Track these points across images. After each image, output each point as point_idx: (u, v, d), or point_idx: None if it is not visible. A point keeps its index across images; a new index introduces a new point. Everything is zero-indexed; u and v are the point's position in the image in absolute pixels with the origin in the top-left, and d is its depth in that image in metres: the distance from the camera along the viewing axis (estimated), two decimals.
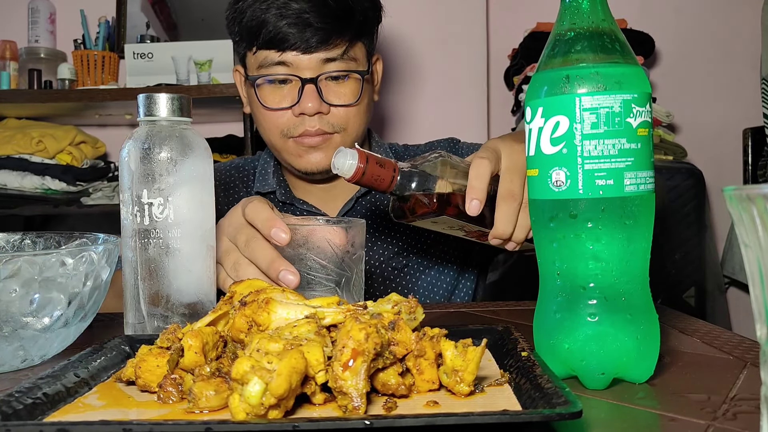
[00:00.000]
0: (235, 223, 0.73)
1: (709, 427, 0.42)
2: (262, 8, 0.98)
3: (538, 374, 0.45)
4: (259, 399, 0.39)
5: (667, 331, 0.68)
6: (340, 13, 0.98)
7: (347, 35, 1.00)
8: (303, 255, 0.68)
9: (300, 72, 0.98)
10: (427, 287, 1.12)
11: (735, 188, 0.34)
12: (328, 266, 0.68)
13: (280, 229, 0.67)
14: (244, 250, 0.71)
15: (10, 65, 2.02)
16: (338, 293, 0.68)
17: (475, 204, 0.69)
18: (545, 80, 0.52)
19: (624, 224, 0.50)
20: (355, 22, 1.01)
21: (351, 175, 0.69)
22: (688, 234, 1.79)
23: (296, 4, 0.97)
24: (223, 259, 0.73)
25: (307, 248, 0.68)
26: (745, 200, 0.33)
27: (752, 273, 0.35)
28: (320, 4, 0.97)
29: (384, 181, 0.70)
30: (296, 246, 0.68)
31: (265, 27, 0.97)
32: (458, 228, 0.76)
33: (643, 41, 2.03)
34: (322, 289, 0.68)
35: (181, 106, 0.66)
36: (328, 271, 0.68)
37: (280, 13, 0.97)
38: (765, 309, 0.34)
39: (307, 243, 0.68)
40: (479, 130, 2.09)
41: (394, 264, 1.11)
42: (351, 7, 1.00)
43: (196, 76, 1.98)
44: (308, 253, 0.68)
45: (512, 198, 0.72)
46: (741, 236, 0.35)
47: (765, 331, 0.34)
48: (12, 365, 0.59)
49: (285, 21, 0.96)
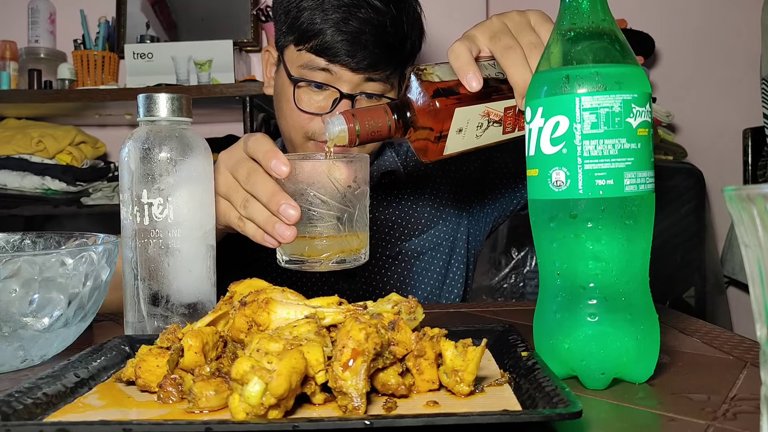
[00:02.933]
0: (237, 156, 0.72)
1: (709, 427, 0.42)
2: (320, 17, 0.97)
3: (538, 374, 0.45)
4: (259, 399, 0.39)
5: (667, 331, 0.68)
6: (394, 41, 0.99)
7: (394, 64, 1.01)
8: (304, 190, 0.67)
9: (340, 84, 0.99)
10: (420, 272, 1.13)
11: (735, 188, 0.34)
12: (330, 201, 0.67)
13: (280, 162, 0.67)
14: (245, 183, 0.70)
15: (10, 65, 2.02)
16: (340, 228, 0.67)
17: (470, 76, 0.65)
18: (545, 80, 0.52)
19: (624, 224, 0.50)
20: (406, 51, 1.02)
21: (348, 139, 0.67)
22: (688, 234, 1.79)
23: (355, 23, 0.96)
24: (229, 194, 0.72)
25: (308, 183, 0.67)
26: (745, 200, 0.33)
27: (752, 273, 0.35)
28: (379, 27, 0.97)
29: (383, 128, 0.67)
30: (297, 181, 0.67)
31: (319, 36, 0.97)
32: (488, 121, 0.69)
33: (643, 41, 2.03)
34: (324, 224, 0.67)
35: (181, 106, 0.66)
36: (329, 206, 0.67)
37: (338, 28, 0.97)
38: (765, 309, 0.34)
39: (308, 178, 0.67)
40: None
41: (388, 252, 1.12)
42: (405, 35, 1.01)
43: (196, 76, 1.98)
44: (309, 189, 0.67)
45: (509, 49, 0.68)
46: (741, 236, 0.35)
47: (765, 331, 0.34)
48: (12, 365, 0.59)
49: (341, 37, 0.96)
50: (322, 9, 0.97)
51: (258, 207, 0.69)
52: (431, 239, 1.15)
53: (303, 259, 0.68)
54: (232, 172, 0.72)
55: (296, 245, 0.68)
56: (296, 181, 0.67)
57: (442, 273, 1.15)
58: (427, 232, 1.14)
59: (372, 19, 0.97)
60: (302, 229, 0.67)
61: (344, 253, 0.68)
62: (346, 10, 0.96)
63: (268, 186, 0.68)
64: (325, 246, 0.67)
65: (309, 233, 0.67)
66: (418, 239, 1.14)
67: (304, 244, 0.67)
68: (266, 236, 0.68)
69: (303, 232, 0.67)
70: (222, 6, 2.16)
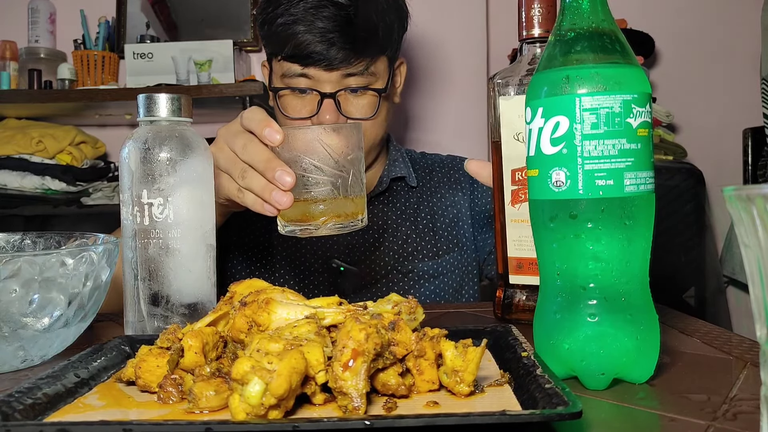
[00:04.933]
0: (234, 129, 0.75)
1: (709, 427, 0.42)
2: (288, 22, 0.99)
3: (538, 374, 0.45)
4: (260, 399, 0.39)
5: (667, 332, 0.68)
6: (363, 33, 1.00)
7: (370, 53, 1.02)
8: (298, 158, 0.70)
9: (320, 86, 1.01)
10: (429, 295, 1.13)
11: (735, 188, 0.34)
12: (324, 167, 0.70)
13: (273, 129, 0.70)
14: (242, 154, 0.72)
15: (10, 65, 2.02)
16: (335, 193, 0.71)
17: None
18: (545, 80, 0.52)
19: (624, 224, 0.50)
20: (379, 39, 1.02)
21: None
22: (688, 234, 1.79)
23: (321, 23, 0.98)
24: (228, 166, 0.74)
25: (303, 151, 0.70)
26: (745, 200, 0.33)
27: (752, 273, 0.34)
28: (344, 23, 0.98)
29: None
30: (291, 149, 0.70)
31: (290, 41, 0.99)
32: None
33: (643, 41, 2.03)
34: (318, 189, 0.70)
35: (181, 106, 0.66)
36: (323, 172, 0.70)
37: (306, 30, 0.98)
38: (765, 309, 0.34)
39: (302, 146, 0.70)
40: (479, 130, 2.09)
41: (399, 267, 1.11)
42: (375, 25, 1.01)
43: (195, 76, 1.98)
44: (303, 156, 0.70)
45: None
46: (741, 236, 0.35)
47: (765, 331, 0.34)
48: (12, 365, 0.59)
49: (310, 38, 0.98)
50: (290, 15, 0.99)
51: (255, 176, 0.71)
52: (446, 264, 1.13)
53: (301, 225, 0.71)
54: (230, 146, 0.74)
55: (294, 211, 0.71)
56: (291, 149, 0.70)
57: (452, 298, 1.14)
58: (442, 257, 1.13)
59: (336, 16, 0.98)
60: (299, 195, 0.70)
61: (341, 218, 0.71)
62: (312, 13, 0.98)
63: (263, 154, 0.70)
64: (322, 210, 0.70)
65: (306, 198, 0.70)
66: (432, 262, 1.13)
67: (302, 209, 0.71)
68: (265, 204, 0.71)
69: (300, 197, 0.70)
70: (222, 6, 2.16)
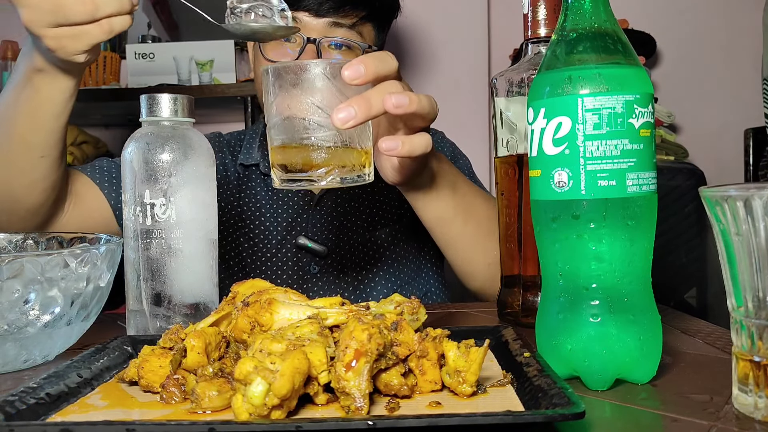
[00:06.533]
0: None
1: (712, 427, 0.42)
2: None
3: (540, 375, 0.45)
4: (262, 399, 0.39)
5: (669, 332, 0.68)
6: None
7: (360, 10, 1.03)
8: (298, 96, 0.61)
9: (307, 32, 1.01)
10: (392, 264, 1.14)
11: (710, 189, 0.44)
12: (327, 109, 0.61)
13: None
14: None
15: (11, 65, 2.02)
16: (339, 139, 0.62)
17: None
18: (547, 81, 0.52)
19: (626, 225, 0.50)
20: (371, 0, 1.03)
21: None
22: (689, 234, 1.79)
23: None
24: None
25: (302, 89, 0.61)
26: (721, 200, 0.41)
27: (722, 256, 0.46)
28: None
29: None
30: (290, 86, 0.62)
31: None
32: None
33: (645, 41, 2.03)
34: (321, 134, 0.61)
35: (183, 106, 0.66)
36: (326, 114, 0.61)
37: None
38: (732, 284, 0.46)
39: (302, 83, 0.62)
40: (480, 130, 2.09)
41: (357, 238, 1.13)
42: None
43: (197, 76, 1.98)
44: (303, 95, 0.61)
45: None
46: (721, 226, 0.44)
47: (732, 300, 0.46)
48: (15, 365, 0.59)
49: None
50: None
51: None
52: (403, 230, 1.15)
53: (300, 176, 0.62)
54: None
55: (293, 156, 0.62)
56: (289, 86, 0.61)
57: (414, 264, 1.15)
58: (398, 223, 1.15)
59: None
60: (299, 139, 0.62)
61: (346, 169, 0.62)
62: None
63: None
64: (324, 159, 0.61)
65: (306, 144, 0.62)
66: (390, 229, 1.14)
67: (302, 156, 0.62)
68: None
69: (300, 143, 0.62)
70: (223, 6, 2.16)
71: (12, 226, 0.88)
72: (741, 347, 0.45)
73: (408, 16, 1.99)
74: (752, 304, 0.44)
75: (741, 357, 0.45)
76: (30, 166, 0.83)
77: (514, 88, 0.72)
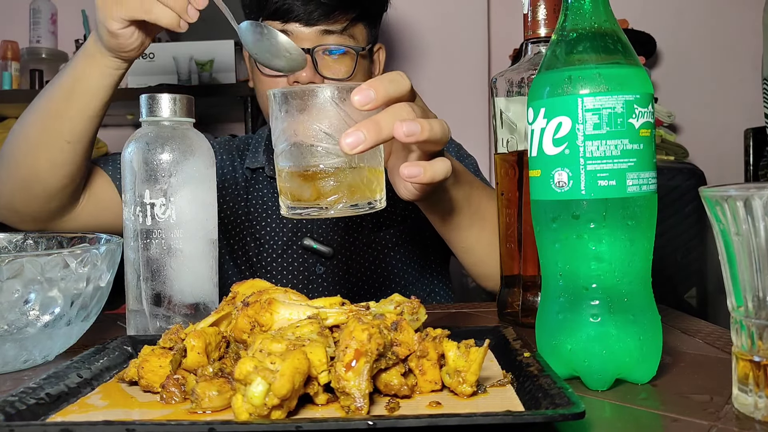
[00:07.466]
0: None
1: (712, 427, 0.42)
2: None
3: (540, 375, 0.45)
4: (262, 399, 0.39)
5: (669, 332, 0.68)
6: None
7: (350, 13, 1.03)
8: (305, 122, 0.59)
9: (300, 42, 1.01)
10: (396, 264, 1.14)
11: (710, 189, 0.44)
12: (335, 135, 0.58)
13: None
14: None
15: (11, 65, 2.02)
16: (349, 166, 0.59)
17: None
18: (547, 81, 0.52)
19: (626, 225, 0.50)
20: (359, 1, 1.04)
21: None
22: (689, 234, 1.79)
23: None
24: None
25: (310, 115, 0.59)
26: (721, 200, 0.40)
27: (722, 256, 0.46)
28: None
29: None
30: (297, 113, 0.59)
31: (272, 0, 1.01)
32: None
33: (645, 41, 2.03)
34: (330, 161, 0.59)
35: (183, 106, 0.66)
36: (335, 140, 0.58)
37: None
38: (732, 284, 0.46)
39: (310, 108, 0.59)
40: (480, 130, 2.09)
41: (362, 239, 1.13)
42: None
43: (197, 76, 1.98)
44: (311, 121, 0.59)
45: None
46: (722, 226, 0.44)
47: (732, 299, 0.46)
48: (14, 366, 0.59)
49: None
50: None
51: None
52: (408, 231, 1.15)
53: (309, 205, 0.60)
54: None
55: (300, 184, 0.59)
56: (296, 111, 0.59)
57: (418, 265, 1.16)
58: (403, 224, 1.15)
59: None
60: (307, 167, 0.59)
61: (356, 196, 0.60)
62: None
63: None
64: (333, 187, 0.59)
65: (314, 172, 0.59)
66: (395, 230, 1.14)
67: (310, 185, 0.59)
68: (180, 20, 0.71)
69: (308, 170, 0.59)
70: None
71: (28, 206, 0.91)
72: (741, 347, 0.45)
73: (408, 17, 1.99)
74: (752, 304, 0.44)
75: (741, 357, 0.45)
76: (58, 148, 0.86)
77: (514, 88, 0.72)
